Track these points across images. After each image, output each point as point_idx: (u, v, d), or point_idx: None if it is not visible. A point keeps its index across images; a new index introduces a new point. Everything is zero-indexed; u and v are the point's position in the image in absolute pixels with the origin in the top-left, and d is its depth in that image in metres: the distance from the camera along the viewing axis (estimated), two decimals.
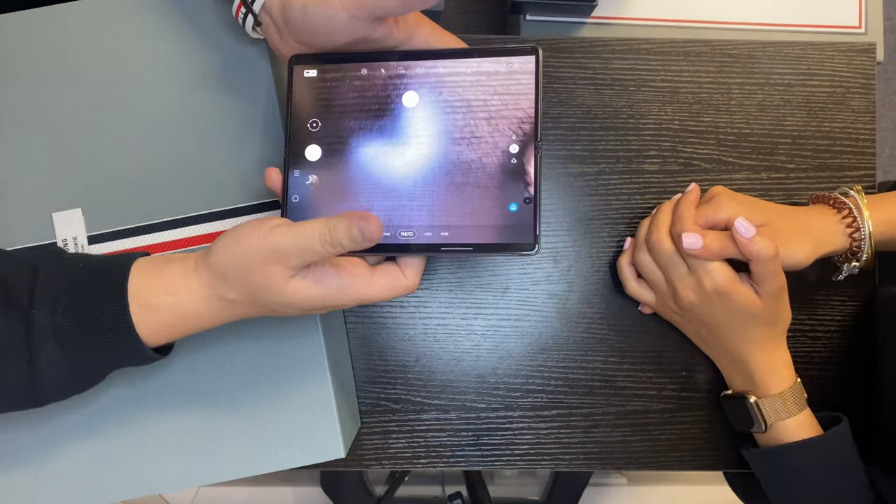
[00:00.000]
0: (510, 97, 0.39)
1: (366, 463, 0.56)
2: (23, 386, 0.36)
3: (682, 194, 0.52)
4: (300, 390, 0.46)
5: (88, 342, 0.36)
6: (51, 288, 0.35)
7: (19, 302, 0.35)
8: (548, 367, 0.57)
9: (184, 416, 0.45)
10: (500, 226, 0.39)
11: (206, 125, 0.46)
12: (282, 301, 0.36)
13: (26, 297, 0.35)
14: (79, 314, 0.35)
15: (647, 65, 0.57)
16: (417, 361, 0.56)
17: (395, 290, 0.38)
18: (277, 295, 0.36)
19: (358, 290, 0.37)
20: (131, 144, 0.46)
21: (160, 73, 0.46)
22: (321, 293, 0.36)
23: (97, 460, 0.45)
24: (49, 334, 0.35)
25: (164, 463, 0.45)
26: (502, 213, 0.39)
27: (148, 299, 0.36)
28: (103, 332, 0.35)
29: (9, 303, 0.35)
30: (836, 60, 0.58)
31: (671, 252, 0.49)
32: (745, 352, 0.51)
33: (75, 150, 0.46)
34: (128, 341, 0.36)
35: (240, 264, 0.35)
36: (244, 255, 0.35)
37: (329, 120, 0.41)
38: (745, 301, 0.48)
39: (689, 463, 0.57)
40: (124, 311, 0.35)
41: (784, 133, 0.57)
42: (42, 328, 0.35)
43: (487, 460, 0.56)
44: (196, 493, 1.04)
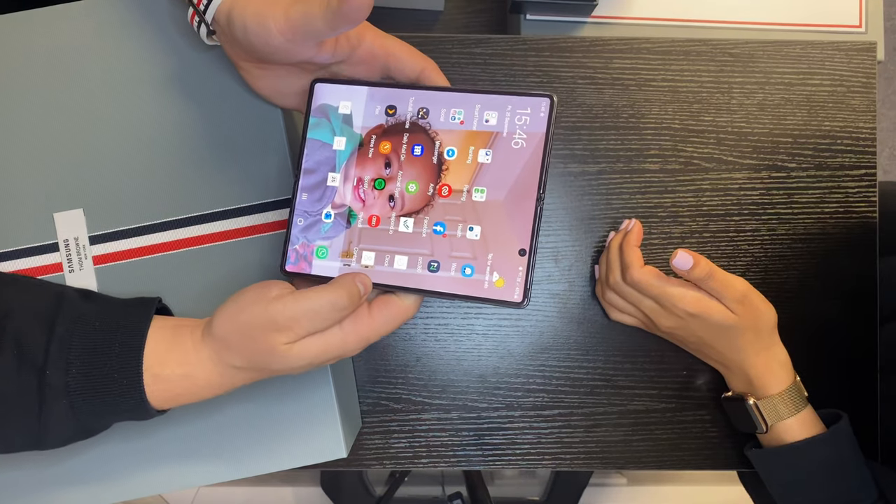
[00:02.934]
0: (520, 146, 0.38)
1: (367, 463, 0.56)
2: (30, 437, 0.36)
3: (625, 233, 0.52)
4: (302, 390, 0.46)
5: (99, 405, 0.36)
6: (66, 348, 0.36)
7: (34, 359, 0.35)
8: (549, 366, 0.57)
9: (184, 417, 0.45)
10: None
11: (208, 125, 0.46)
12: (287, 365, 0.36)
13: (41, 354, 0.35)
14: (92, 379, 0.36)
15: (647, 64, 0.57)
16: (418, 361, 0.56)
17: (397, 319, 0.38)
18: (281, 361, 0.36)
19: (361, 331, 0.37)
20: (132, 144, 0.46)
21: (161, 72, 0.46)
22: (325, 348, 0.36)
23: (97, 461, 0.45)
24: (61, 395, 0.35)
25: (165, 463, 0.45)
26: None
27: (161, 370, 0.36)
28: (115, 396, 0.36)
29: (23, 359, 0.35)
30: (837, 59, 0.58)
31: (632, 291, 0.51)
32: (738, 358, 0.51)
33: (76, 150, 0.46)
34: (137, 406, 0.37)
35: (244, 333, 0.35)
36: (246, 324, 0.35)
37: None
38: (720, 316, 0.49)
39: (690, 462, 0.57)
40: (138, 382, 0.36)
41: (784, 132, 0.58)
42: (54, 388, 0.35)
43: (489, 460, 0.56)
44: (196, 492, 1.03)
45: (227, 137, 0.46)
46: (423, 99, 0.40)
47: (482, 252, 0.38)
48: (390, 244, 0.39)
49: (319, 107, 0.41)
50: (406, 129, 0.40)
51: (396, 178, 0.39)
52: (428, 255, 0.38)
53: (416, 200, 0.39)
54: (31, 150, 0.46)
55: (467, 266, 0.38)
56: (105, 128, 0.46)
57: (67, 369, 0.35)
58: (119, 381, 0.36)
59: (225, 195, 0.45)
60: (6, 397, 0.35)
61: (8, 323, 0.36)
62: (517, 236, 0.37)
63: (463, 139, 0.39)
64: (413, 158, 0.39)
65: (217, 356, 0.37)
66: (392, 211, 0.39)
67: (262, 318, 0.35)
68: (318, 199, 0.40)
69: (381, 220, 0.39)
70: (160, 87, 0.46)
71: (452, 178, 0.39)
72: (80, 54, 0.46)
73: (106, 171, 0.46)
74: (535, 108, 0.38)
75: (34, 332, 0.36)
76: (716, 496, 1.05)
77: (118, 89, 0.46)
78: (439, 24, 0.75)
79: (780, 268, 0.57)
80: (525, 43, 0.57)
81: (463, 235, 0.38)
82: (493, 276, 0.37)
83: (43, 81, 0.46)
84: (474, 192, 0.38)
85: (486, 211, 0.38)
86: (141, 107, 0.46)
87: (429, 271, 0.38)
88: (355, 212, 0.40)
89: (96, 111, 0.46)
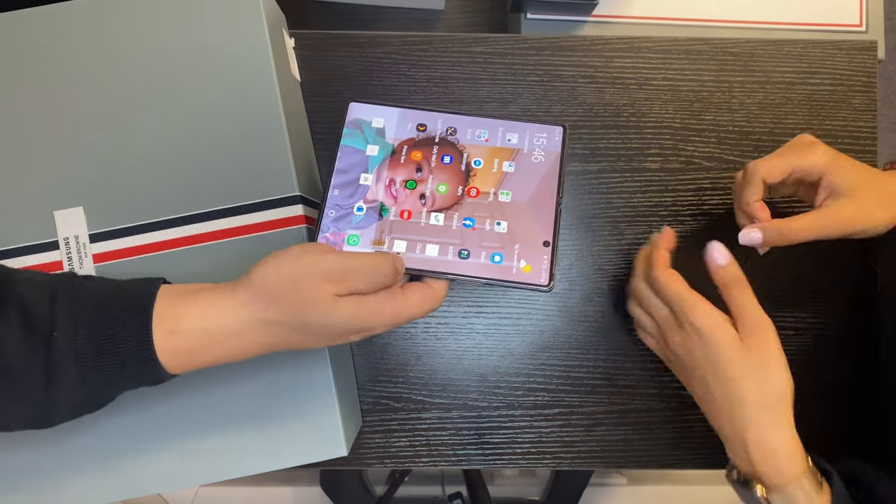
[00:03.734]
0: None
1: (367, 462, 0.56)
2: (37, 408, 0.35)
3: (657, 239, 0.49)
4: (302, 389, 0.46)
5: (108, 368, 0.35)
6: (72, 312, 0.35)
7: (40, 326, 0.34)
8: (549, 365, 0.57)
9: (185, 416, 0.45)
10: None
11: (208, 124, 0.46)
12: (324, 321, 0.36)
13: (47, 320, 0.35)
14: (100, 340, 0.35)
15: (648, 63, 0.57)
16: (419, 360, 0.56)
17: (427, 304, 0.39)
18: (322, 314, 0.36)
19: (394, 307, 0.37)
20: (133, 143, 0.46)
21: (161, 71, 0.46)
22: (360, 313, 0.37)
23: (97, 460, 0.45)
24: (69, 359, 0.34)
25: (165, 462, 0.45)
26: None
27: (176, 324, 0.36)
28: (124, 358, 0.35)
29: (29, 326, 0.34)
30: (837, 59, 0.58)
31: (650, 295, 0.48)
32: (735, 418, 0.43)
33: (77, 148, 0.46)
34: (147, 368, 0.36)
35: (291, 281, 0.36)
36: (297, 272, 0.36)
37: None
38: (725, 338, 0.43)
39: (690, 462, 0.57)
40: (147, 340, 0.35)
41: (785, 131, 0.57)
42: (62, 353, 0.34)
43: (489, 459, 0.56)
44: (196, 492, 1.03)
45: (227, 135, 0.46)
46: (451, 121, 0.44)
47: (509, 242, 0.41)
48: (422, 234, 0.41)
49: (353, 120, 0.44)
50: (436, 142, 0.44)
51: (427, 180, 0.43)
52: (458, 244, 0.41)
53: (446, 199, 0.42)
54: (31, 148, 0.46)
55: (496, 254, 0.41)
56: (105, 126, 0.46)
57: (75, 333, 0.35)
58: (129, 341, 0.35)
59: (225, 193, 0.45)
60: (12, 365, 0.34)
61: (9, 291, 0.35)
62: (541, 230, 0.41)
63: (488, 153, 0.44)
64: (443, 165, 0.43)
65: (248, 309, 0.36)
66: (423, 207, 0.42)
67: (314, 268, 0.36)
68: (349, 195, 0.42)
69: (412, 215, 0.42)
70: (160, 86, 0.46)
71: (479, 183, 0.43)
72: (80, 53, 0.46)
73: (106, 169, 0.45)
74: (550, 133, 0.44)
75: (37, 299, 0.35)
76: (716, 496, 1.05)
77: (118, 88, 0.46)
78: (440, 23, 0.75)
79: (780, 267, 0.57)
80: (526, 42, 0.57)
81: (491, 229, 0.41)
82: (521, 262, 0.41)
83: (43, 80, 0.46)
84: (500, 195, 0.42)
85: (511, 210, 0.42)
86: (141, 105, 0.46)
87: (460, 258, 0.41)
88: (387, 206, 0.42)
89: (96, 109, 0.46)
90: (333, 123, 0.56)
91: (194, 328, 0.36)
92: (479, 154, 0.43)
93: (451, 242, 0.41)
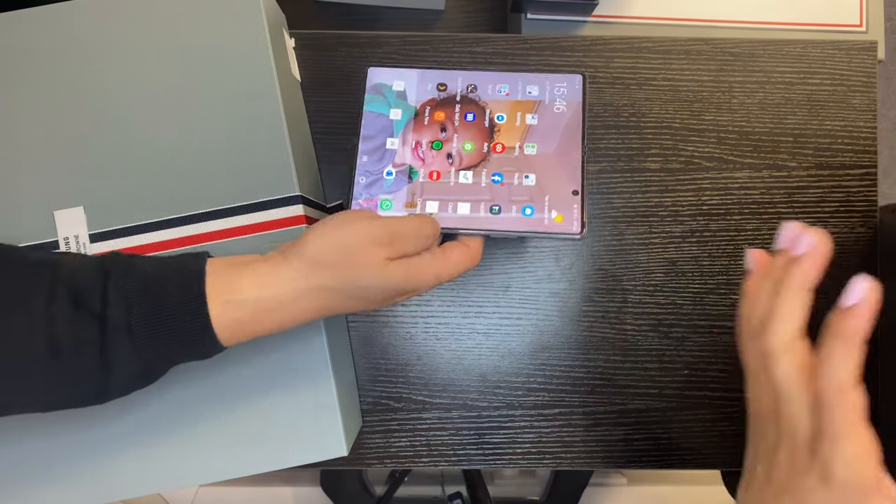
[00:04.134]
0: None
1: (367, 462, 0.56)
2: (92, 386, 0.36)
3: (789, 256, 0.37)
4: (303, 389, 0.46)
5: (162, 342, 0.35)
6: (123, 289, 0.35)
7: (91, 303, 0.35)
8: (549, 365, 0.57)
9: (185, 416, 0.45)
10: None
11: (209, 124, 0.46)
12: (377, 284, 0.37)
13: (98, 297, 0.35)
14: (153, 314, 0.35)
15: (648, 63, 0.57)
16: (419, 360, 0.56)
17: (466, 261, 0.40)
18: (375, 278, 0.37)
19: (438, 267, 0.39)
20: (133, 142, 0.46)
21: (161, 71, 0.46)
22: (409, 275, 0.38)
23: (97, 459, 0.45)
24: (123, 334, 0.35)
25: (165, 462, 0.45)
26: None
27: (231, 295, 0.36)
28: (178, 331, 0.35)
29: (81, 304, 0.35)
30: (837, 59, 0.58)
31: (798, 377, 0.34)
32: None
33: (77, 148, 0.46)
34: (202, 340, 0.36)
35: (344, 248, 0.37)
36: (348, 239, 0.37)
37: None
38: (781, 378, 0.33)
39: (690, 462, 0.57)
40: (203, 312, 0.35)
41: (785, 131, 0.58)
42: (116, 328, 0.35)
43: (489, 459, 0.56)
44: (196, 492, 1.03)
45: (227, 135, 0.46)
46: (471, 78, 0.45)
47: (539, 195, 0.42)
48: (452, 193, 0.42)
49: (374, 86, 0.45)
50: (457, 101, 0.44)
51: (452, 139, 0.44)
52: (489, 200, 0.42)
53: (473, 157, 0.43)
54: (31, 148, 0.46)
55: (527, 207, 0.42)
56: (105, 125, 0.46)
57: (128, 309, 0.35)
58: (183, 314, 0.35)
59: (225, 193, 0.45)
60: (66, 342, 0.34)
61: (59, 271, 0.36)
62: (569, 179, 0.42)
63: (510, 107, 0.44)
64: (466, 123, 0.44)
65: (301, 276, 0.37)
66: (451, 167, 0.43)
67: (365, 233, 0.37)
68: (378, 159, 0.43)
69: (441, 175, 0.43)
70: (160, 86, 0.46)
71: (504, 138, 0.43)
72: (80, 53, 0.46)
73: (106, 169, 0.45)
74: (570, 83, 0.44)
75: (87, 278, 0.35)
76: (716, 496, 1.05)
77: (118, 87, 0.46)
78: (440, 23, 0.75)
79: None
80: (526, 42, 0.57)
81: (520, 183, 0.42)
82: (552, 213, 0.41)
83: (43, 80, 0.46)
84: (526, 148, 0.43)
85: (538, 162, 0.43)
86: (141, 105, 0.46)
87: (491, 214, 0.42)
88: (415, 169, 0.43)
89: (97, 109, 0.46)
90: (333, 123, 0.56)
91: (250, 298, 0.36)
92: (502, 109, 0.44)
93: (481, 199, 0.42)
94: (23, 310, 0.34)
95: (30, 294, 0.34)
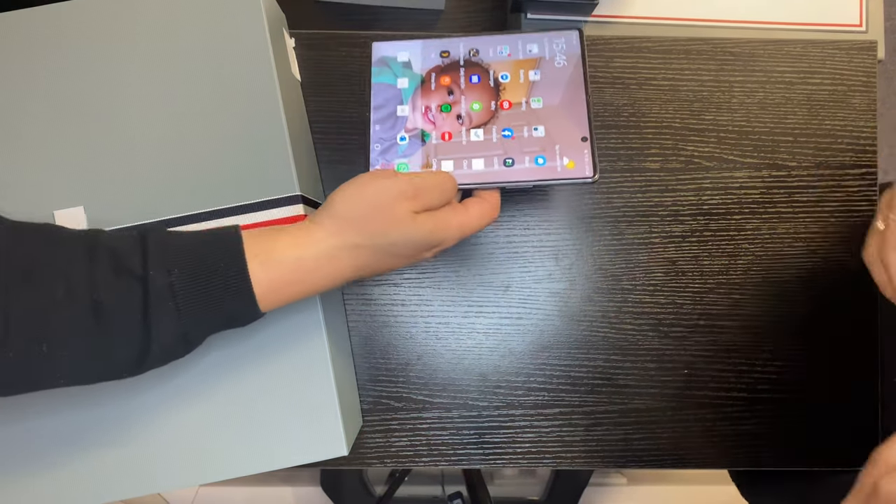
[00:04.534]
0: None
1: (368, 461, 0.56)
2: (133, 351, 0.36)
3: None
4: (303, 389, 0.46)
5: (204, 303, 0.36)
6: (164, 253, 0.36)
7: (132, 267, 0.35)
8: (549, 365, 0.57)
9: (185, 416, 0.45)
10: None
11: (209, 123, 0.46)
12: (407, 238, 0.38)
13: (139, 261, 0.35)
14: (196, 275, 0.36)
15: (648, 63, 0.57)
16: (419, 360, 0.56)
17: (487, 213, 0.41)
18: (405, 232, 0.38)
19: (462, 220, 0.40)
20: (133, 142, 0.46)
21: (161, 71, 0.46)
22: (436, 227, 0.39)
23: (97, 459, 0.45)
24: (166, 296, 0.35)
25: (165, 461, 0.45)
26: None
27: (269, 256, 0.37)
28: (220, 290, 0.36)
29: (121, 268, 0.35)
30: (837, 58, 0.58)
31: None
32: None
33: (77, 148, 0.46)
34: (243, 301, 0.36)
35: (371, 205, 0.38)
36: (375, 197, 0.38)
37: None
38: None
39: (690, 461, 0.57)
40: (243, 271, 0.36)
41: (785, 131, 0.58)
42: (159, 290, 0.35)
43: (489, 458, 0.56)
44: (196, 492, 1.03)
45: (227, 135, 0.46)
46: (472, 43, 0.46)
47: (549, 144, 0.43)
48: (466, 152, 0.44)
49: (379, 59, 0.46)
50: (461, 65, 0.46)
51: (460, 101, 0.45)
52: (502, 154, 0.43)
53: (482, 115, 0.45)
54: (31, 148, 0.46)
55: (539, 157, 0.43)
56: (105, 126, 0.46)
57: (169, 271, 0.35)
58: (224, 273, 0.36)
59: (226, 192, 0.45)
60: (108, 305, 0.34)
61: (99, 239, 0.36)
62: (577, 127, 0.43)
63: (513, 66, 0.45)
64: (472, 85, 0.45)
65: (334, 235, 0.38)
66: (461, 126, 0.44)
67: (391, 189, 0.38)
68: (390, 127, 0.45)
69: (452, 135, 0.44)
70: (160, 86, 0.46)
71: (510, 95, 0.45)
72: (80, 53, 0.46)
73: (106, 169, 0.45)
74: (568, 38, 0.46)
75: (127, 244, 0.36)
76: (716, 496, 1.05)
77: (118, 88, 0.46)
78: (440, 23, 0.75)
79: (780, 267, 0.57)
80: None
81: (530, 135, 0.43)
82: (564, 160, 0.43)
83: (43, 80, 0.46)
84: (532, 102, 0.44)
85: (545, 114, 0.44)
86: (141, 106, 0.46)
87: (505, 167, 0.43)
88: (427, 132, 0.44)
89: (97, 109, 0.46)
90: (333, 123, 0.56)
91: (288, 257, 0.37)
92: (505, 68, 0.45)
93: (494, 154, 0.43)
94: (63, 276, 0.34)
95: (70, 260, 0.35)
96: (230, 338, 0.45)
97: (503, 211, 0.56)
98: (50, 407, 0.45)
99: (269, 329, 0.45)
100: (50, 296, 0.34)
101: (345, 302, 0.56)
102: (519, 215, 0.56)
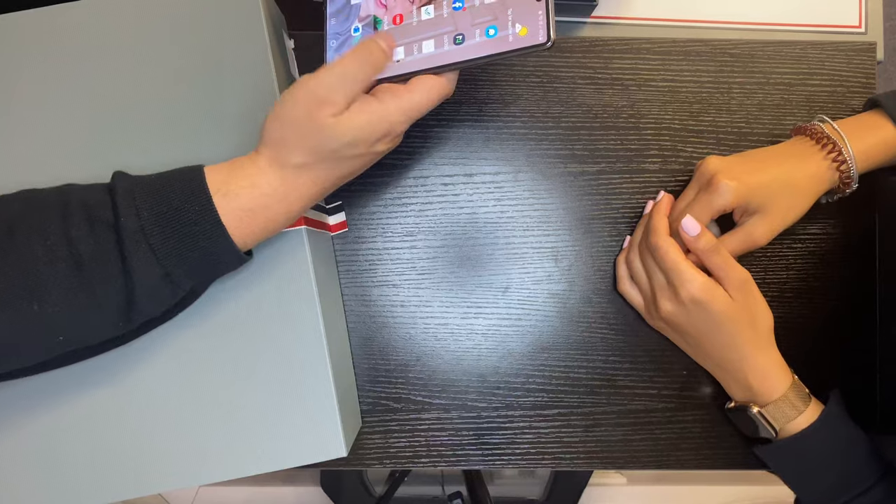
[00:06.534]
0: None
1: (367, 462, 0.56)
2: (119, 300, 0.37)
3: (655, 202, 0.54)
4: (302, 390, 0.46)
5: (177, 239, 0.37)
6: (130, 198, 0.37)
7: (104, 216, 0.36)
8: (549, 366, 0.57)
9: (185, 416, 0.45)
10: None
11: (209, 124, 0.46)
12: (342, 141, 0.38)
13: (110, 210, 0.36)
14: (164, 214, 0.36)
15: (647, 64, 0.57)
16: (418, 361, 0.56)
17: (436, 90, 0.40)
18: (334, 137, 0.37)
19: (401, 104, 0.39)
20: (133, 143, 0.46)
21: (161, 72, 0.46)
22: (369, 119, 0.38)
23: (97, 459, 0.45)
24: (139, 238, 0.36)
25: (166, 462, 0.45)
26: None
27: (227, 187, 0.38)
28: (190, 226, 0.37)
29: (93, 218, 0.36)
30: (837, 60, 0.58)
31: (647, 259, 0.52)
32: (734, 359, 0.50)
33: (77, 147, 0.46)
34: (215, 233, 0.37)
35: (292, 122, 0.37)
36: (292, 112, 0.37)
37: None
38: (722, 305, 0.48)
39: (690, 462, 0.57)
40: (208, 203, 0.37)
41: (784, 132, 0.58)
42: (132, 234, 0.36)
43: (488, 459, 0.56)
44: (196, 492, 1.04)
45: (227, 136, 0.46)
46: None
47: (501, 11, 0.40)
48: (416, 33, 0.42)
49: None
50: None
51: None
52: (452, 31, 0.41)
53: None
54: (31, 147, 0.46)
55: (490, 28, 0.40)
56: (105, 126, 0.46)
57: (139, 214, 0.36)
58: (191, 207, 0.37)
59: None
60: (87, 256, 0.35)
61: (68, 194, 0.37)
62: None
63: None
64: None
65: (275, 161, 0.38)
66: (412, 5, 0.43)
67: (303, 101, 0.37)
68: (345, 19, 0.44)
69: (404, 18, 0.43)
70: (160, 86, 0.46)
71: None
72: (80, 54, 0.46)
73: (106, 169, 0.45)
74: None
75: (96, 195, 0.37)
76: (716, 496, 1.05)
77: (118, 89, 0.46)
78: None
79: (779, 267, 0.57)
80: None
81: (481, 3, 0.41)
82: (516, 27, 0.40)
83: (43, 81, 0.46)
84: None
85: None
86: (141, 106, 0.46)
87: (456, 45, 0.41)
88: (379, 17, 0.43)
89: (96, 111, 0.46)
90: None
91: (243, 187, 0.38)
92: None
93: (444, 32, 0.41)
94: (39, 234, 0.35)
95: (45, 218, 0.36)
96: (230, 338, 0.45)
97: (502, 202, 0.56)
98: (50, 407, 0.45)
99: (269, 330, 0.45)
100: (31, 254, 0.35)
101: (344, 303, 0.56)
102: (518, 216, 0.57)
